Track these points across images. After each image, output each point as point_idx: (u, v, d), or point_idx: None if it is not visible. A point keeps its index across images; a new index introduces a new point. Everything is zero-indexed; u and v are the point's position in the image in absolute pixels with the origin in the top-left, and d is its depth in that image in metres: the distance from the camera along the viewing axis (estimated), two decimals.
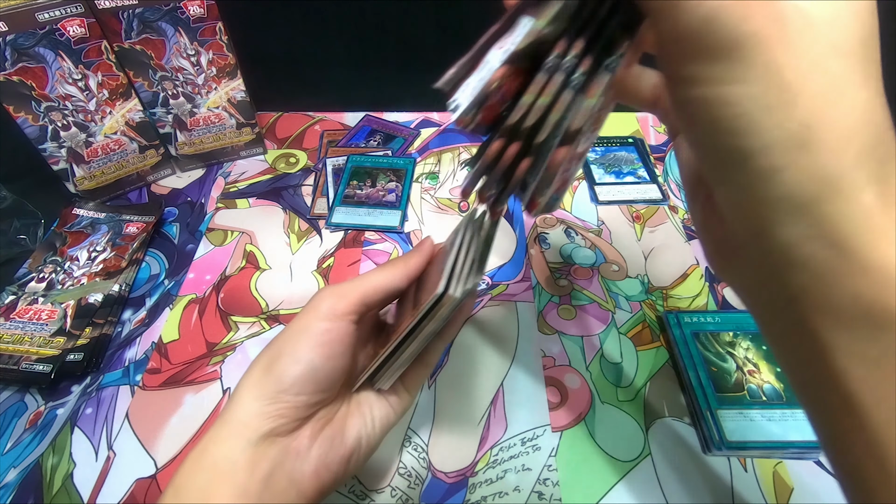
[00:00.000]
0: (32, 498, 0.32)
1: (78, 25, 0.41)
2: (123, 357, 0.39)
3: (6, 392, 0.37)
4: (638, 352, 0.39)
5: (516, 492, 0.32)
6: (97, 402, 0.36)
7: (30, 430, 0.35)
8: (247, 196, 0.52)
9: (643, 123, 0.60)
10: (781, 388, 0.35)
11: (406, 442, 0.34)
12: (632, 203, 0.51)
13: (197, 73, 0.48)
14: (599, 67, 0.19)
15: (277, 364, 0.23)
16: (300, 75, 0.63)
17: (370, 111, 0.61)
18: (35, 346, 0.37)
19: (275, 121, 0.60)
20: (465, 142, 0.57)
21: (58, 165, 0.46)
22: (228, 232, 0.48)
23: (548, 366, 0.38)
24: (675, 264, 0.45)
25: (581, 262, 0.45)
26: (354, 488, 0.32)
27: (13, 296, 0.40)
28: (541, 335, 0.40)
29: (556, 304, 0.42)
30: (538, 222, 0.49)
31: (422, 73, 0.65)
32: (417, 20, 0.59)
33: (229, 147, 0.54)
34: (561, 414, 0.36)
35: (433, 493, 0.32)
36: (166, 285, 0.44)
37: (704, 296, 0.43)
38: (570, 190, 0.52)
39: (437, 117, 0.61)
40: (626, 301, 0.42)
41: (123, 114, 0.47)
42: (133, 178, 0.51)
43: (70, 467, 0.33)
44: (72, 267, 0.43)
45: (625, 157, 0.55)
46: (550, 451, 0.34)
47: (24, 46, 0.40)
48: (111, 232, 0.46)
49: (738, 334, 0.38)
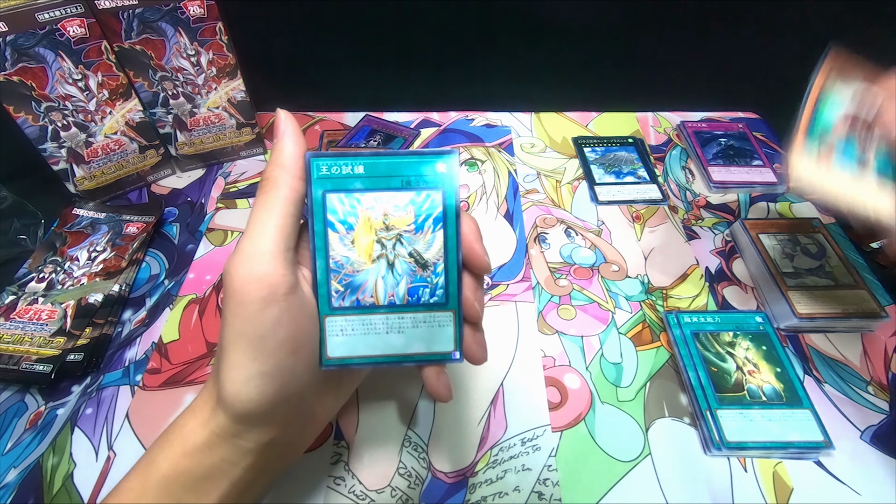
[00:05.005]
0: (33, 498, 0.32)
1: (78, 25, 0.41)
2: (123, 357, 0.39)
3: (6, 392, 0.37)
4: (638, 352, 0.39)
5: (516, 492, 0.32)
6: (97, 402, 0.36)
7: (30, 430, 0.35)
8: (247, 196, 0.52)
9: (643, 123, 0.60)
10: (781, 388, 0.35)
11: (406, 442, 0.34)
12: (632, 203, 0.51)
13: (197, 74, 0.48)
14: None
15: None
16: (300, 75, 0.63)
17: (370, 111, 0.61)
18: (35, 347, 0.37)
19: (275, 121, 0.60)
20: (465, 142, 0.57)
21: (58, 165, 0.46)
22: (228, 232, 0.48)
23: (548, 366, 0.38)
24: (675, 264, 0.45)
25: (581, 262, 0.45)
26: (354, 488, 0.32)
27: (13, 296, 0.40)
28: (541, 335, 0.40)
29: (556, 304, 0.42)
30: (538, 222, 0.49)
31: (422, 73, 0.65)
32: (417, 20, 0.59)
33: (229, 147, 0.54)
34: (561, 414, 0.36)
35: (433, 493, 0.32)
36: (166, 285, 0.44)
37: (704, 296, 0.43)
38: (570, 190, 0.52)
39: (437, 117, 0.61)
40: (626, 301, 0.42)
41: (123, 114, 0.47)
42: (133, 178, 0.51)
43: (70, 467, 0.33)
44: (72, 267, 0.43)
45: (625, 157, 0.55)
46: (550, 451, 0.34)
47: (24, 46, 0.40)
48: (111, 232, 0.46)
49: (738, 334, 0.38)
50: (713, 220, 0.49)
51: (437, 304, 0.24)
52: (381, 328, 0.24)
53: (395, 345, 0.24)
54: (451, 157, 0.23)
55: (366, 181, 0.23)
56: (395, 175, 0.23)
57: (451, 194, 0.23)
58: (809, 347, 0.40)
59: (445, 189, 0.23)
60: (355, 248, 0.24)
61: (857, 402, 0.36)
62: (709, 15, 0.57)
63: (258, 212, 0.22)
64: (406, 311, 0.24)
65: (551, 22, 0.58)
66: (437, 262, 0.24)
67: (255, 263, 0.21)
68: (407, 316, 0.24)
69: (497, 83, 0.62)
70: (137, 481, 0.23)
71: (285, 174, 0.22)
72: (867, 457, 0.34)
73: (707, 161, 0.53)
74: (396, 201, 0.23)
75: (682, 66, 0.60)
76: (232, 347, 0.21)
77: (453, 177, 0.23)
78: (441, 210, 0.24)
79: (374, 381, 0.37)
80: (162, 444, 0.23)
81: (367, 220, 0.23)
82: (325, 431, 0.35)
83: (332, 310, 0.24)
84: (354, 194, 0.23)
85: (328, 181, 0.23)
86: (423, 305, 0.24)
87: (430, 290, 0.24)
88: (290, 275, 0.21)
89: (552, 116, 0.61)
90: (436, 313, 0.24)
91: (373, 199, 0.23)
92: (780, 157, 0.55)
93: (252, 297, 0.20)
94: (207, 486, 0.22)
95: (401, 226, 0.24)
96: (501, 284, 0.44)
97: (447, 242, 0.24)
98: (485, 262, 0.24)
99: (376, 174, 0.23)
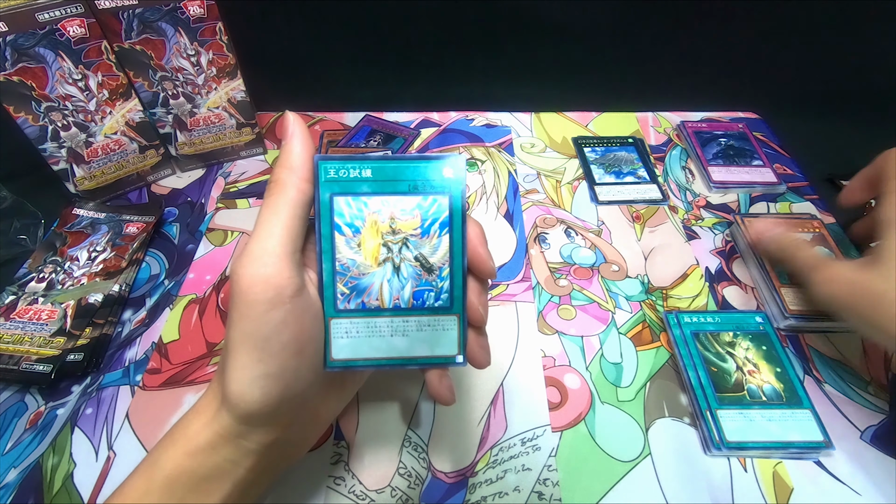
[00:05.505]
0: (33, 498, 0.32)
1: (78, 26, 0.41)
2: (123, 357, 0.39)
3: (6, 392, 0.37)
4: (638, 352, 0.39)
5: (516, 492, 0.32)
6: (97, 402, 0.36)
7: (30, 430, 0.35)
8: (247, 196, 0.52)
9: (643, 123, 0.60)
10: (781, 388, 0.35)
11: (406, 442, 0.34)
12: (632, 203, 0.51)
13: (197, 74, 0.48)
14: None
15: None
16: (300, 75, 0.63)
17: (370, 111, 0.61)
18: (35, 347, 0.37)
19: (275, 121, 0.60)
20: (465, 142, 0.57)
21: (58, 165, 0.46)
22: (228, 232, 0.48)
23: (548, 366, 0.38)
24: (675, 264, 0.45)
25: (581, 262, 0.45)
26: (354, 488, 0.32)
27: (13, 296, 0.40)
28: (541, 335, 0.40)
29: (556, 304, 0.42)
30: (538, 222, 0.49)
31: (422, 73, 0.65)
32: (417, 20, 0.59)
33: (229, 147, 0.54)
34: (561, 414, 0.36)
35: (433, 493, 0.32)
36: (166, 285, 0.44)
37: (704, 296, 0.43)
38: (570, 190, 0.52)
39: (437, 117, 0.61)
40: (626, 301, 0.42)
41: (123, 114, 0.47)
42: (133, 178, 0.51)
43: (70, 467, 0.33)
44: (72, 267, 0.43)
45: (625, 157, 0.55)
46: (550, 451, 0.34)
47: (24, 46, 0.40)
48: (111, 232, 0.46)
49: (738, 334, 0.38)
50: (713, 220, 0.49)
51: (441, 308, 0.24)
52: (385, 331, 0.24)
53: (399, 348, 0.24)
54: (459, 161, 0.23)
55: (373, 185, 0.23)
56: (402, 179, 0.23)
57: (458, 199, 0.24)
58: (809, 347, 0.40)
59: (452, 194, 0.24)
60: (361, 252, 0.24)
61: (857, 402, 0.36)
62: (709, 15, 0.57)
63: (265, 213, 0.22)
64: (411, 315, 0.24)
65: (551, 22, 0.58)
66: (443, 266, 0.24)
67: (261, 265, 0.21)
68: (411, 319, 0.24)
69: (497, 83, 0.62)
70: (141, 481, 0.23)
71: (293, 176, 0.22)
72: (867, 457, 0.34)
73: (707, 161, 0.53)
74: (403, 205, 0.24)
75: (682, 66, 0.60)
76: (237, 348, 0.21)
77: (460, 181, 0.23)
78: (447, 215, 0.24)
79: (375, 381, 0.37)
80: (166, 444, 0.23)
81: (373, 224, 0.23)
82: (325, 432, 0.35)
83: (337, 312, 0.24)
84: (361, 198, 0.23)
85: (336, 184, 0.23)
86: (428, 309, 0.24)
87: (436, 293, 0.24)
88: (296, 277, 0.21)
89: (552, 116, 0.61)
90: (440, 317, 0.24)
91: (380, 203, 0.23)
92: (781, 158, 0.55)
93: (258, 298, 0.21)
94: (211, 485, 0.22)
95: (407, 229, 0.24)
96: (501, 284, 0.44)
97: (453, 247, 0.24)
98: (490, 266, 0.24)
99: (384, 178, 0.23)
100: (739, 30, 0.58)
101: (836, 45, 0.57)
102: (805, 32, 0.57)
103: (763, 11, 0.56)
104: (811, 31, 0.57)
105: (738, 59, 0.60)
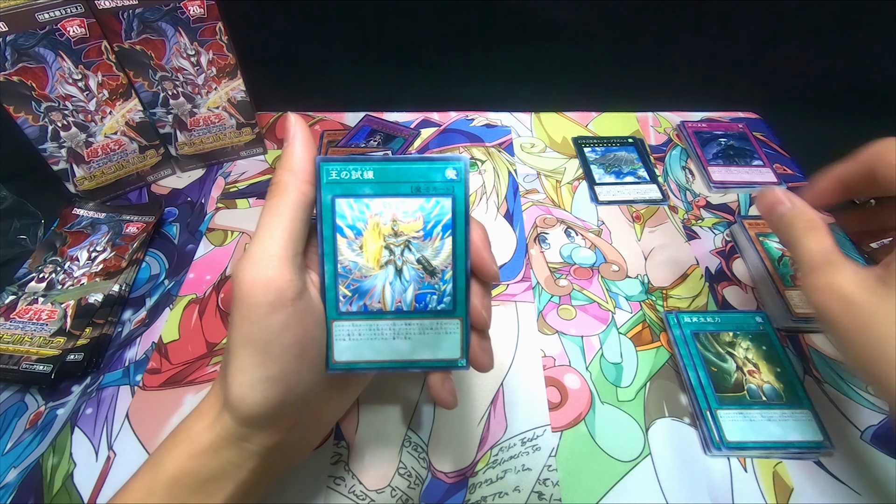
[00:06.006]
0: (33, 498, 0.32)
1: (78, 26, 0.41)
2: (123, 357, 0.39)
3: (6, 392, 0.37)
4: (638, 352, 0.39)
5: (516, 492, 0.32)
6: (97, 402, 0.36)
7: (30, 430, 0.35)
8: (247, 196, 0.52)
9: (643, 123, 0.60)
10: (781, 388, 0.35)
11: (406, 442, 0.34)
12: (632, 203, 0.51)
13: (197, 74, 0.48)
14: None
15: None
16: (300, 75, 0.63)
17: (370, 111, 0.61)
18: (35, 346, 0.37)
19: (275, 121, 0.60)
20: (465, 142, 0.57)
21: (58, 165, 0.46)
22: (228, 232, 0.48)
23: (548, 366, 0.38)
24: (675, 264, 0.45)
25: (581, 262, 0.45)
26: (354, 488, 0.32)
27: (13, 296, 0.40)
28: (541, 335, 0.40)
29: (556, 304, 0.42)
30: (538, 222, 0.49)
31: (422, 73, 0.65)
32: (417, 20, 0.59)
33: (229, 147, 0.54)
34: (561, 414, 0.36)
35: (433, 493, 0.32)
36: (166, 285, 0.44)
37: (704, 296, 0.43)
38: (570, 190, 0.52)
39: (437, 117, 0.61)
40: (626, 301, 0.42)
41: (123, 114, 0.47)
42: (133, 178, 0.51)
43: (70, 467, 0.33)
44: (72, 267, 0.43)
45: (625, 157, 0.55)
46: (550, 451, 0.34)
47: (24, 46, 0.40)
48: (111, 232, 0.46)
49: (738, 334, 0.38)
50: (713, 220, 0.49)
51: (444, 311, 0.24)
52: (387, 334, 0.24)
53: (401, 350, 0.24)
54: (462, 164, 0.23)
55: (375, 187, 0.23)
56: (404, 181, 0.23)
57: (461, 201, 0.23)
58: (809, 347, 0.40)
59: (455, 196, 0.23)
60: (363, 254, 0.24)
61: (857, 402, 0.36)
62: (709, 15, 0.57)
63: (267, 216, 0.22)
64: (413, 318, 0.24)
65: (551, 22, 0.58)
66: (446, 269, 0.24)
67: (263, 268, 0.21)
68: (414, 322, 0.24)
69: (497, 83, 0.62)
70: (143, 482, 0.23)
71: (295, 178, 0.22)
72: (867, 457, 0.34)
73: (707, 161, 0.53)
74: (406, 207, 0.23)
75: (682, 66, 0.60)
76: (239, 351, 0.21)
77: (464, 184, 0.23)
78: (450, 217, 0.23)
79: (375, 381, 0.37)
80: (168, 445, 0.23)
81: (375, 226, 0.23)
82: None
83: (339, 314, 0.24)
84: (364, 199, 0.23)
85: (338, 186, 0.23)
86: (431, 312, 0.24)
87: (438, 297, 0.24)
88: (297, 280, 0.21)
89: (552, 116, 0.61)
90: (443, 320, 0.24)
91: (382, 205, 0.23)
92: (781, 158, 0.55)
93: (259, 301, 0.21)
94: (213, 487, 0.23)
95: (409, 232, 0.24)
96: (501, 284, 0.44)
97: (456, 250, 0.24)
98: (493, 269, 0.24)
99: (386, 180, 0.23)
100: (739, 30, 0.58)
101: (836, 45, 0.57)
102: (805, 32, 0.57)
103: (763, 11, 0.56)
104: (811, 31, 0.57)
105: (738, 59, 0.60)
